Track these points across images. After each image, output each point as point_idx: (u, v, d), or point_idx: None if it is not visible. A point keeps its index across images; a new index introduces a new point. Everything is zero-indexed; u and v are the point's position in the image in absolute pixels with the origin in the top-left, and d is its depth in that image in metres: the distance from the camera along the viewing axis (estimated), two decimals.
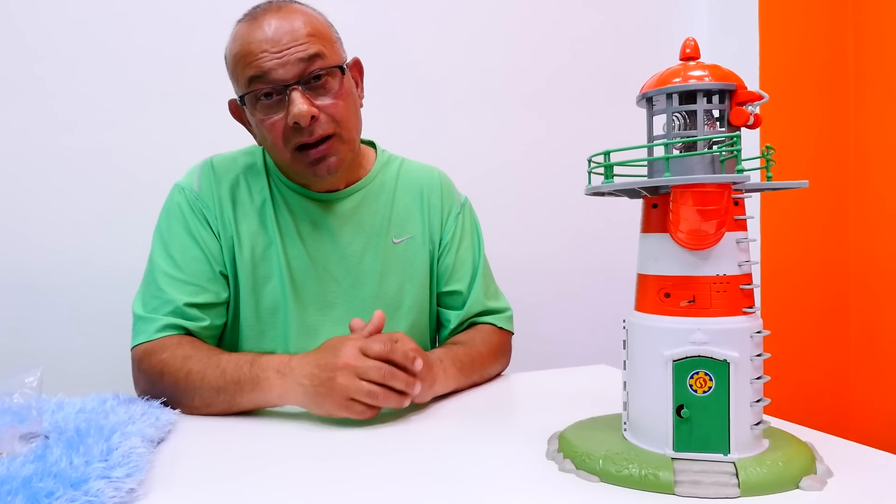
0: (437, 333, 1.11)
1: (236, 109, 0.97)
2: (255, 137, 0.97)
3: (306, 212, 0.99)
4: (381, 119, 1.13)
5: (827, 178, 1.88)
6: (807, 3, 1.85)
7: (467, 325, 1.06)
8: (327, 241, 0.99)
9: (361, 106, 0.99)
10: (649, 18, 1.82)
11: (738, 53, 1.80)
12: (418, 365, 0.77)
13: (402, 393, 0.77)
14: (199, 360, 0.83)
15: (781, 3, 1.81)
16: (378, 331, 0.83)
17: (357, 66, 0.99)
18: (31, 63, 1.32)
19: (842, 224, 1.92)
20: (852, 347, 1.93)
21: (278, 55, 0.86)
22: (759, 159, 0.65)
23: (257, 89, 0.88)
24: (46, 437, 0.65)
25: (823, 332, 1.91)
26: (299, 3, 0.93)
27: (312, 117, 0.87)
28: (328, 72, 0.89)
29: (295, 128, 0.88)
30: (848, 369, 1.93)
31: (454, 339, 1.02)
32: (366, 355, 0.76)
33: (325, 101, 0.89)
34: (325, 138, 0.89)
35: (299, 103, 0.86)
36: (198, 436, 0.76)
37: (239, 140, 1.04)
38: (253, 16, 0.90)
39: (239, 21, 0.91)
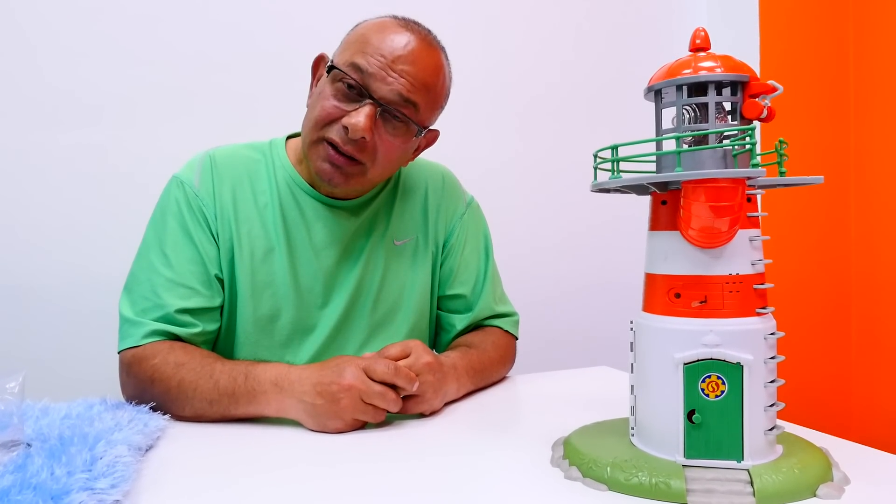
0: (436, 337, 1.08)
1: (318, 64, 0.93)
2: (309, 99, 0.93)
3: (307, 213, 0.95)
4: None
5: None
6: None
7: (473, 328, 1.04)
8: (328, 244, 0.96)
9: (405, 164, 0.98)
10: (647, 12, 1.79)
11: (737, 48, 1.77)
12: (413, 388, 0.77)
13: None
14: (192, 370, 0.80)
15: None
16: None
17: (434, 138, 0.98)
18: (28, 58, 1.28)
19: (843, 222, 1.90)
20: (853, 347, 1.91)
21: (387, 71, 0.84)
22: (767, 155, 0.62)
23: (348, 75, 0.85)
24: (29, 445, 0.62)
25: (824, 332, 1.89)
26: (445, 56, 0.91)
27: (362, 137, 0.85)
28: (406, 121, 0.87)
29: (341, 127, 0.85)
30: (849, 369, 1.91)
31: (466, 341, 0.99)
32: (370, 377, 0.75)
33: (384, 135, 0.87)
34: (353, 158, 0.87)
35: (364, 117, 0.84)
36: (188, 443, 0.73)
37: (238, 140, 1.01)
38: (405, 25, 0.88)
39: (392, 16, 0.90)
